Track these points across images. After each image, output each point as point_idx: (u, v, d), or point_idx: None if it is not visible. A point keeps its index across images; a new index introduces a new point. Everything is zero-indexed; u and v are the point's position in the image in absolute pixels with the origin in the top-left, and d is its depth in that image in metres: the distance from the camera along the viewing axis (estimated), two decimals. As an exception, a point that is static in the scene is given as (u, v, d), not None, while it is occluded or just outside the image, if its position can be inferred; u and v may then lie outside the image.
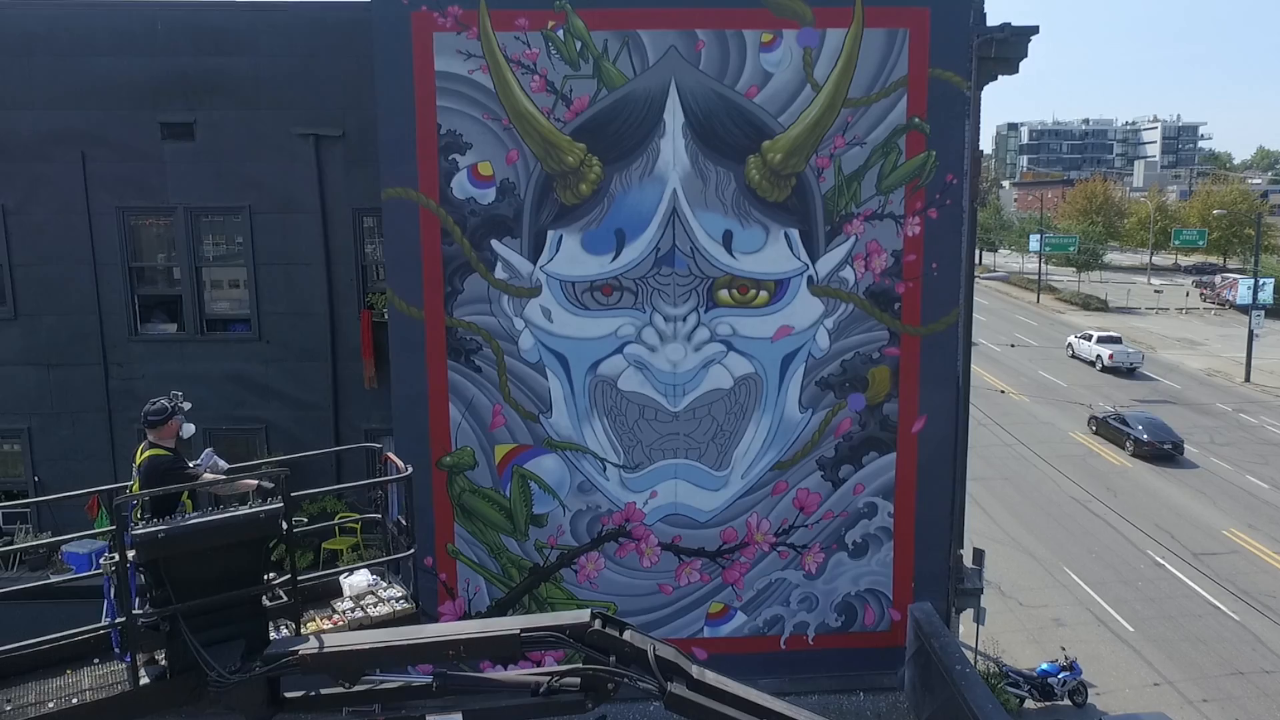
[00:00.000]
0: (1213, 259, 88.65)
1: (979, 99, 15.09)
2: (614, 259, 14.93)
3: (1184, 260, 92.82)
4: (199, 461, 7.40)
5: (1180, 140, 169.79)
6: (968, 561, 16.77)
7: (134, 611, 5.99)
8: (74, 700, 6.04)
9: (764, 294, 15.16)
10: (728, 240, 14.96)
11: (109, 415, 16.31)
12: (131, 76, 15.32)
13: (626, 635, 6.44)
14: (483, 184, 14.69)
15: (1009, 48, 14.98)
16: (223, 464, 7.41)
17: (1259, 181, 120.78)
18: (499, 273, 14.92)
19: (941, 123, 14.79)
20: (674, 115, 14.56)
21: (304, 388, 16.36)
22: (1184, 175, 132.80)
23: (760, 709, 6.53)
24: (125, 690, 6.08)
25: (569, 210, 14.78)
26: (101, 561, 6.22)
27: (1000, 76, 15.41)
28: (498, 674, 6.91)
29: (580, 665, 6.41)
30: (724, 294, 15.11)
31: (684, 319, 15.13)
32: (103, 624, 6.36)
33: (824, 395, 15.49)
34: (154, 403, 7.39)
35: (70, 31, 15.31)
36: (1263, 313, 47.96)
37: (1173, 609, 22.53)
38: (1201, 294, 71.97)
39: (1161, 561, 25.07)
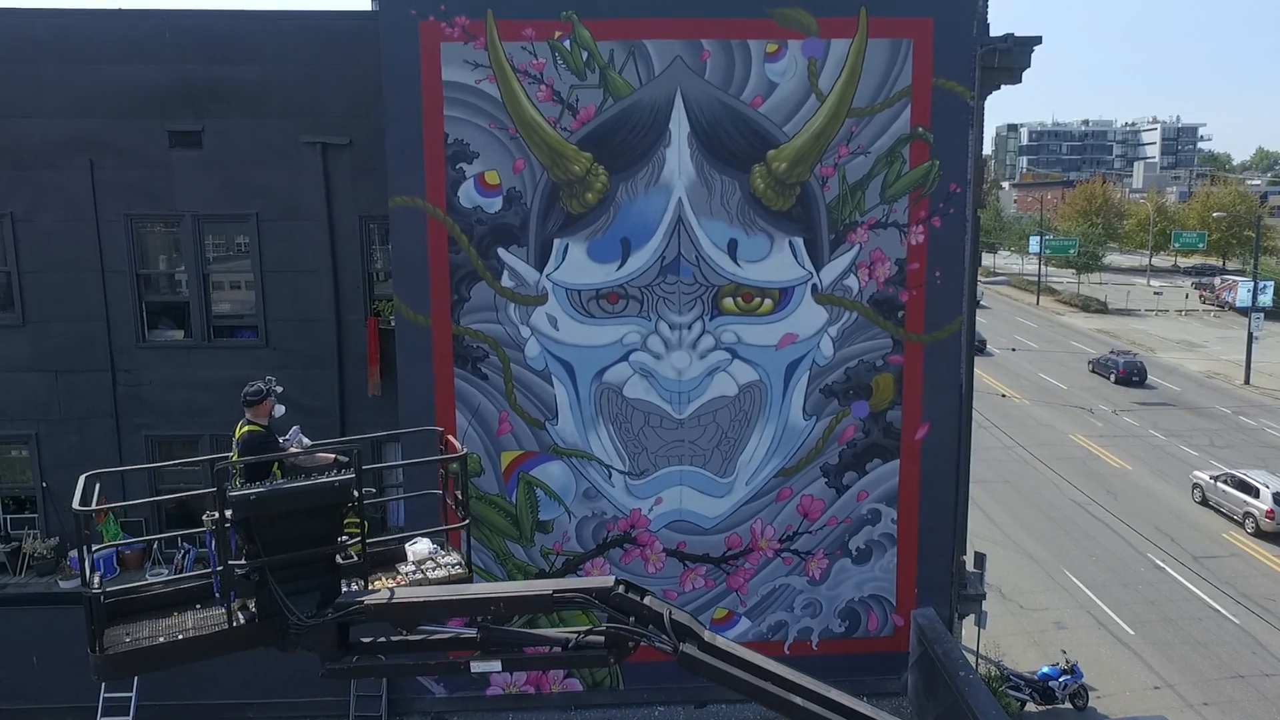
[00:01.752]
0: (1212, 260, 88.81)
1: (982, 108, 15.21)
2: (619, 267, 15.03)
3: (1183, 262, 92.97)
4: (287, 438, 8.24)
5: (1180, 141, 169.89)
6: (969, 566, 16.89)
7: (230, 562, 6.91)
8: (180, 636, 7.03)
9: (768, 302, 15.26)
10: (733, 249, 15.06)
11: (116, 421, 16.37)
12: (140, 84, 15.37)
13: (646, 600, 7.08)
14: (489, 193, 14.79)
15: (1012, 57, 15.09)
16: (306, 440, 8.31)
17: (1258, 183, 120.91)
18: (505, 281, 15.02)
19: (945, 132, 14.89)
20: (679, 125, 14.66)
21: (310, 395, 16.40)
22: (1183, 176, 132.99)
23: (765, 672, 7.02)
24: (222, 629, 7.05)
25: (575, 219, 14.88)
26: (204, 519, 7.12)
27: (1003, 86, 15.54)
28: (533, 630, 7.73)
29: (605, 625, 7.05)
30: (729, 302, 15.22)
31: (689, 327, 15.23)
32: (205, 571, 7.34)
33: (828, 402, 15.60)
34: (251, 384, 8.29)
35: (79, 40, 15.36)
36: (1262, 315, 48.11)
37: (1173, 612, 22.65)
38: (1201, 296, 72.11)
39: (1161, 565, 25.19)
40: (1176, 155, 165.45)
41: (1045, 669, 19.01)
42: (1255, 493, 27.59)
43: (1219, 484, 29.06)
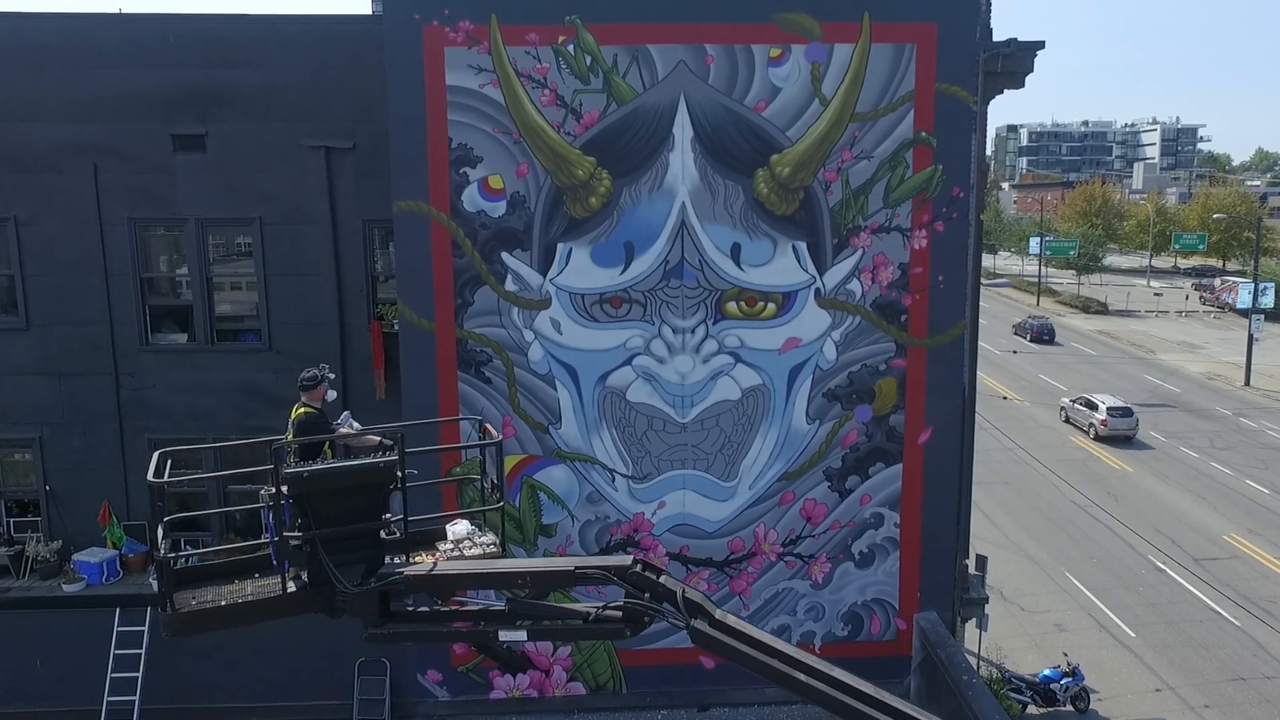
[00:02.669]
0: (1212, 262, 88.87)
1: (985, 113, 15.22)
2: (623, 271, 15.05)
3: (1183, 263, 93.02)
4: (338, 421, 8.91)
5: (1179, 142, 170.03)
6: (971, 568, 16.90)
7: (285, 533, 7.50)
8: (239, 600, 7.73)
9: (772, 306, 15.28)
10: (736, 253, 15.08)
11: (119, 424, 16.36)
12: (143, 88, 15.37)
13: (662, 579, 7.52)
14: (493, 197, 14.80)
15: (1015, 62, 15.08)
16: (356, 424, 9.00)
17: (1258, 184, 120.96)
18: (509, 285, 15.04)
19: (948, 137, 14.91)
20: (683, 129, 14.68)
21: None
22: (1183, 177, 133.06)
23: (772, 650, 7.32)
24: (277, 595, 7.68)
25: (579, 223, 14.90)
26: (261, 493, 7.69)
27: (1005, 90, 15.54)
28: (556, 604, 8.35)
29: (623, 600, 7.46)
30: (732, 306, 15.23)
31: (692, 331, 15.25)
32: (263, 541, 8.02)
33: (831, 407, 15.61)
34: (307, 371, 9.10)
35: (82, 43, 15.35)
36: (1262, 316, 48.13)
37: (1174, 614, 22.67)
38: (1201, 297, 72.16)
39: (1162, 567, 25.22)
40: (1176, 156, 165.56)
41: (1047, 671, 19.04)
42: (1096, 408, 36.87)
43: (1075, 405, 38.43)
